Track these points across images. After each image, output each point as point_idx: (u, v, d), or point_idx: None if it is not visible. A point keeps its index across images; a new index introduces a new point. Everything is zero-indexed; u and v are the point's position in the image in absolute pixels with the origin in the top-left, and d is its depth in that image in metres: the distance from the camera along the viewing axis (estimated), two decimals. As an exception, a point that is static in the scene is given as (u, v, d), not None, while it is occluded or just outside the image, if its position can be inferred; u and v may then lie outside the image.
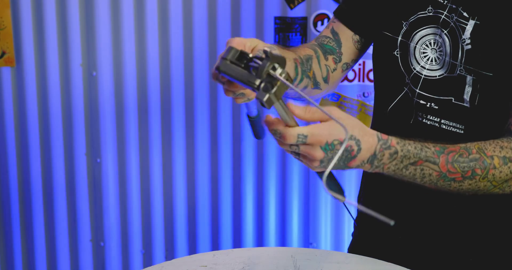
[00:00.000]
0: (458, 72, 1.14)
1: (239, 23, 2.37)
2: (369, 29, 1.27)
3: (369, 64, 2.31)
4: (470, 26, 1.13)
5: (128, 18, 2.36)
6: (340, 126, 0.89)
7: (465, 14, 1.14)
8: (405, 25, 1.20)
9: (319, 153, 0.90)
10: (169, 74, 2.40)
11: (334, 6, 2.35)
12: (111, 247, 2.52)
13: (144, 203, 2.50)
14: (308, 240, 2.52)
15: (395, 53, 1.21)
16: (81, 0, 2.34)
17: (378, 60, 1.27)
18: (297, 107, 0.90)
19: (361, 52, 1.30)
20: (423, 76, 1.18)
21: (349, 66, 1.29)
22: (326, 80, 1.23)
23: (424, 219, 1.27)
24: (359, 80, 2.36)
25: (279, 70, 0.84)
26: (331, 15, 2.35)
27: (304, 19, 2.35)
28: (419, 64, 1.18)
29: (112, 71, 2.39)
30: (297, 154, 0.93)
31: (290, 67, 1.07)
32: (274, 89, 0.85)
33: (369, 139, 0.94)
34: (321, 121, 0.91)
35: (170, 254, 2.54)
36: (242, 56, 0.87)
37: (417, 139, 1.00)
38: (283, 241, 2.53)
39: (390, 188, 1.29)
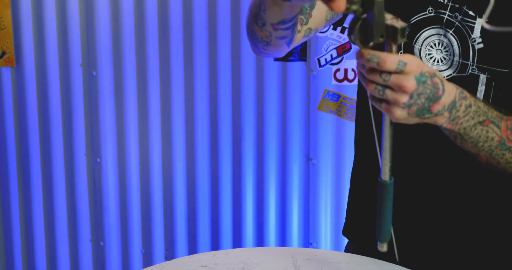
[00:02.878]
0: (470, 71, 1.13)
1: (239, 23, 2.37)
2: None
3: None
4: (478, 25, 1.12)
5: (128, 18, 2.36)
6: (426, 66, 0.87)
7: (471, 12, 1.13)
8: (407, 27, 1.19)
9: (412, 83, 0.86)
10: (169, 74, 2.40)
11: (334, 6, 2.35)
12: (111, 247, 2.52)
13: (144, 203, 2.50)
14: (308, 240, 2.52)
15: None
16: (81, 0, 2.34)
17: None
18: (376, 52, 0.86)
19: (327, 22, 1.22)
20: None
21: (310, 33, 1.20)
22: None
23: (423, 219, 1.27)
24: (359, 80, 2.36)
25: None
26: (331, 15, 2.34)
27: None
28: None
29: (112, 71, 2.39)
30: (382, 92, 0.87)
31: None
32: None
33: (449, 83, 0.91)
34: None
35: (170, 254, 2.54)
36: None
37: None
38: (283, 241, 2.53)
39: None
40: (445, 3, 1.15)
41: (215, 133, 2.44)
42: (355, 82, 2.36)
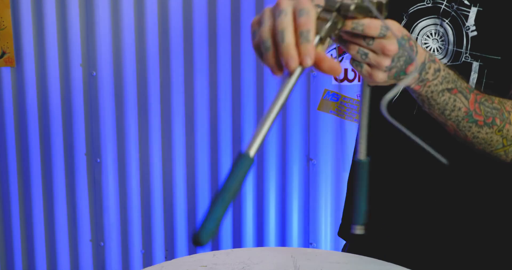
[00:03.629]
0: (463, 59, 1.15)
1: (239, 23, 2.37)
2: None
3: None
4: (473, 13, 1.14)
5: (128, 18, 2.36)
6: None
7: (466, 2, 1.15)
8: (405, 17, 1.20)
9: (394, 47, 0.86)
10: (169, 74, 2.40)
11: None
12: (111, 247, 2.52)
13: (144, 203, 2.50)
14: (308, 240, 2.52)
15: None
16: (81, 0, 2.34)
17: None
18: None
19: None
20: None
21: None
22: None
23: (424, 218, 1.27)
24: (359, 80, 2.36)
25: None
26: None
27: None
28: None
29: (112, 71, 2.40)
30: (364, 56, 0.86)
31: None
32: None
33: (420, 46, 0.93)
34: None
35: (170, 254, 2.54)
36: None
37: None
38: (283, 241, 2.53)
39: (388, 185, 1.29)
40: None
41: (215, 133, 2.44)
42: (355, 82, 2.36)
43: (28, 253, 2.52)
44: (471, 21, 1.14)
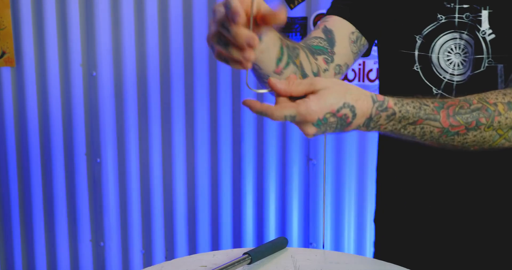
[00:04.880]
0: (486, 64, 1.13)
1: (239, 23, 2.37)
2: (372, 28, 1.21)
3: (369, 64, 2.31)
4: (484, 17, 1.12)
5: (128, 18, 2.36)
6: (331, 95, 0.86)
7: (476, 7, 1.13)
8: (418, 39, 1.18)
9: (311, 130, 0.88)
10: (169, 74, 2.40)
11: (334, 6, 2.35)
12: (111, 247, 2.52)
13: (144, 203, 2.50)
14: (308, 240, 2.52)
15: (415, 68, 1.18)
16: (81, 0, 2.34)
17: (395, 78, 1.23)
18: (278, 82, 0.86)
19: (355, 55, 1.22)
20: (455, 82, 1.16)
21: (341, 70, 1.19)
22: (316, 75, 1.15)
23: (424, 219, 1.27)
24: (359, 80, 2.36)
25: None
26: (331, 15, 2.35)
27: (304, 19, 2.35)
28: (448, 72, 1.17)
29: (112, 71, 2.40)
30: (292, 119, 0.89)
31: (274, 44, 1.00)
32: None
33: (363, 103, 0.90)
34: (308, 94, 0.87)
35: (170, 254, 2.54)
36: None
37: (415, 96, 0.97)
38: (283, 241, 2.53)
39: (409, 190, 1.27)
40: (452, 6, 1.15)
41: (215, 133, 2.44)
42: (355, 82, 2.36)
43: (28, 253, 2.52)
44: (485, 25, 1.12)
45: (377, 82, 1.37)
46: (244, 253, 1.06)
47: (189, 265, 1.07)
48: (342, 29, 1.19)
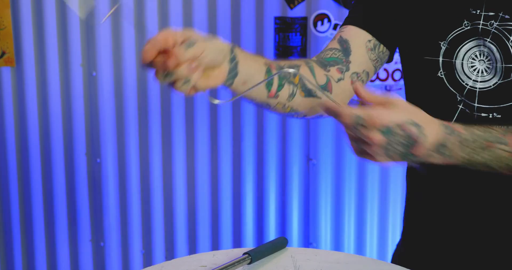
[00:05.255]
0: None
1: (239, 23, 2.37)
2: (390, 35, 1.21)
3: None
4: None
5: (128, 18, 2.36)
6: (400, 110, 0.87)
7: (506, 16, 1.13)
8: (443, 45, 1.17)
9: (377, 137, 0.86)
10: (169, 74, 2.40)
11: (334, 6, 2.35)
12: (111, 247, 2.52)
13: (144, 203, 2.50)
14: (308, 240, 2.52)
15: (439, 74, 1.18)
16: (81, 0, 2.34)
17: (419, 85, 1.22)
18: (361, 85, 0.89)
19: (375, 62, 1.22)
20: (478, 89, 1.16)
21: (361, 77, 1.19)
22: (325, 88, 1.15)
23: (424, 219, 1.27)
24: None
25: None
26: (331, 15, 2.35)
27: (304, 19, 2.35)
28: (471, 79, 1.16)
29: (112, 71, 2.40)
30: (358, 145, 0.89)
31: (257, 70, 1.03)
32: None
33: (431, 126, 0.91)
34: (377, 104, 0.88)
35: (170, 254, 2.54)
36: None
37: (475, 124, 0.98)
38: (283, 241, 2.53)
39: (436, 203, 1.26)
40: (478, 13, 1.15)
41: (215, 133, 2.44)
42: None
43: (28, 253, 2.52)
44: None
45: (401, 81, 1.36)
46: (244, 253, 1.06)
47: (189, 265, 1.07)
48: (358, 38, 1.19)
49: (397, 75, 2.38)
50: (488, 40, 1.14)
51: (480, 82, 1.16)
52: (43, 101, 2.40)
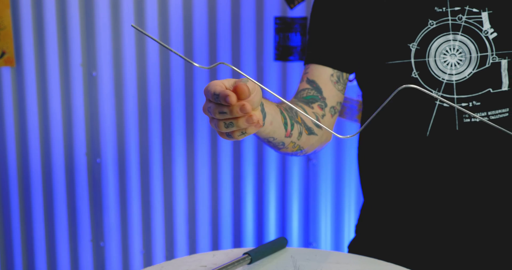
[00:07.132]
0: (491, 61, 1.18)
1: (239, 23, 2.37)
2: (349, 60, 1.27)
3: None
4: (485, 17, 1.18)
5: (128, 18, 2.36)
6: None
7: (474, 9, 1.18)
8: (412, 46, 1.20)
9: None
10: (169, 74, 2.40)
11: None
12: (111, 247, 2.52)
13: (144, 203, 2.50)
14: (308, 240, 2.52)
15: (413, 75, 1.21)
16: (81, 0, 2.34)
17: (390, 89, 1.23)
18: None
19: (342, 91, 1.29)
20: (454, 82, 1.20)
21: (336, 110, 1.27)
22: (318, 125, 1.21)
23: (424, 219, 1.27)
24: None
25: None
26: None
27: (304, 19, 2.35)
28: (446, 73, 1.20)
29: (112, 71, 2.40)
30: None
31: (275, 111, 1.05)
32: None
33: None
34: None
35: (170, 254, 2.54)
36: None
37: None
38: (283, 241, 2.53)
39: (393, 186, 1.29)
40: (444, 10, 1.19)
41: (215, 133, 2.44)
42: (355, 82, 2.36)
43: (28, 253, 2.52)
44: (487, 25, 1.18)
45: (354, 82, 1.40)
46: (244, 253, 1.07)
47: (189, 265, 1.07)
48: (322, 75, 1.26)
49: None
50: (460, 33, 1.18)
51: (455, 74, 1.20)
52: (43, 101, 2.40)
